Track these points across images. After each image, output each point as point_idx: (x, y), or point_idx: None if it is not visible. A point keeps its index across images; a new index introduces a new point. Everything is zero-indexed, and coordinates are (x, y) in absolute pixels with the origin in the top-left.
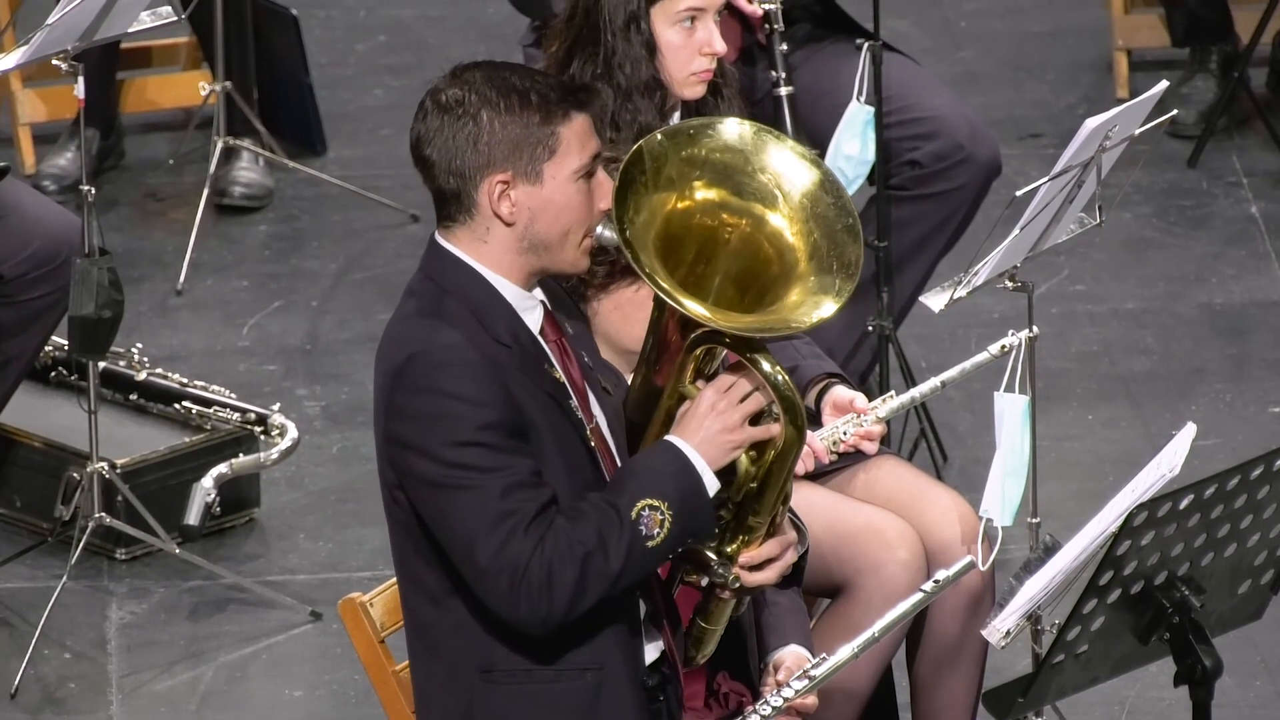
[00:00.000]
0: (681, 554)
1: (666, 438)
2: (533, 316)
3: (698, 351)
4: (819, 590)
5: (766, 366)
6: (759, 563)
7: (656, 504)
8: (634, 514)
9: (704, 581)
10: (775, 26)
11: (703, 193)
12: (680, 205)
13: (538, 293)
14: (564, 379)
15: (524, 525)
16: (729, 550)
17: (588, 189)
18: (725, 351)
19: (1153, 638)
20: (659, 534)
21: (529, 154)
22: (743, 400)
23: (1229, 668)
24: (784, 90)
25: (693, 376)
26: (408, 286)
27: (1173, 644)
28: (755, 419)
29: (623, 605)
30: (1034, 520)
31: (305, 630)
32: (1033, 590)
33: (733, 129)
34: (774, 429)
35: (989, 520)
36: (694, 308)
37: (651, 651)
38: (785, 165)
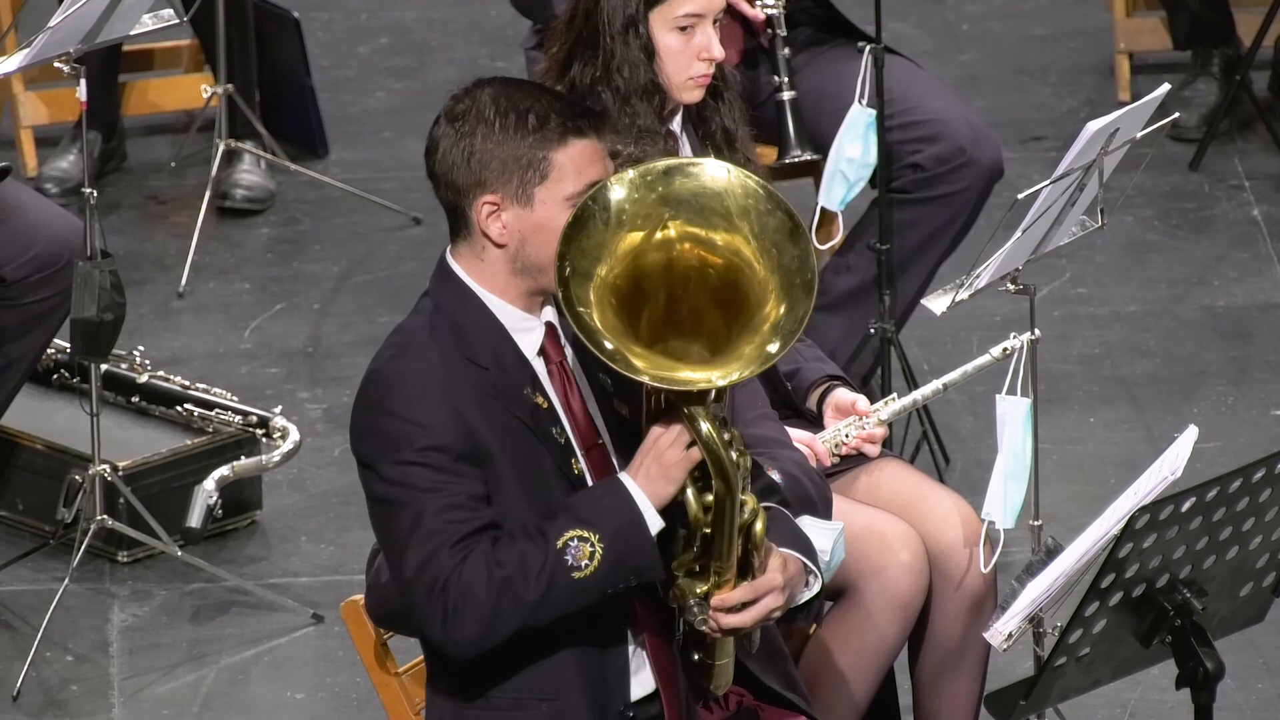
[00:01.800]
0: (666, 589)
1: (617, 474)
2: (530, 338)
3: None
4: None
5: (702, 425)
6: (733, 605)
7: (586, 535)
8: (560, 543)
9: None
10: (778, 31)
11: (680, 231)
12: (653, 242)
13: (547, 312)
14: (552, 403)
15: (449, 544)
16: (701, 591)
17: None
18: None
19: (1154, 640)
20: (588, 566)
21: (519, 177)
22: (681, 436)
23: (1231, 670)
24: (786, 95)
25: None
26: (419, 298)
27: (1174, 646)
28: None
29: (595, 636)
30: (1036, 523)
31: (307, 633)
32: (1035, 593)
33: (709, 170)
34: (695, 455)
35: (991, 523)
36: (610, 354)
37: (641, 687)
38: (759, 211)
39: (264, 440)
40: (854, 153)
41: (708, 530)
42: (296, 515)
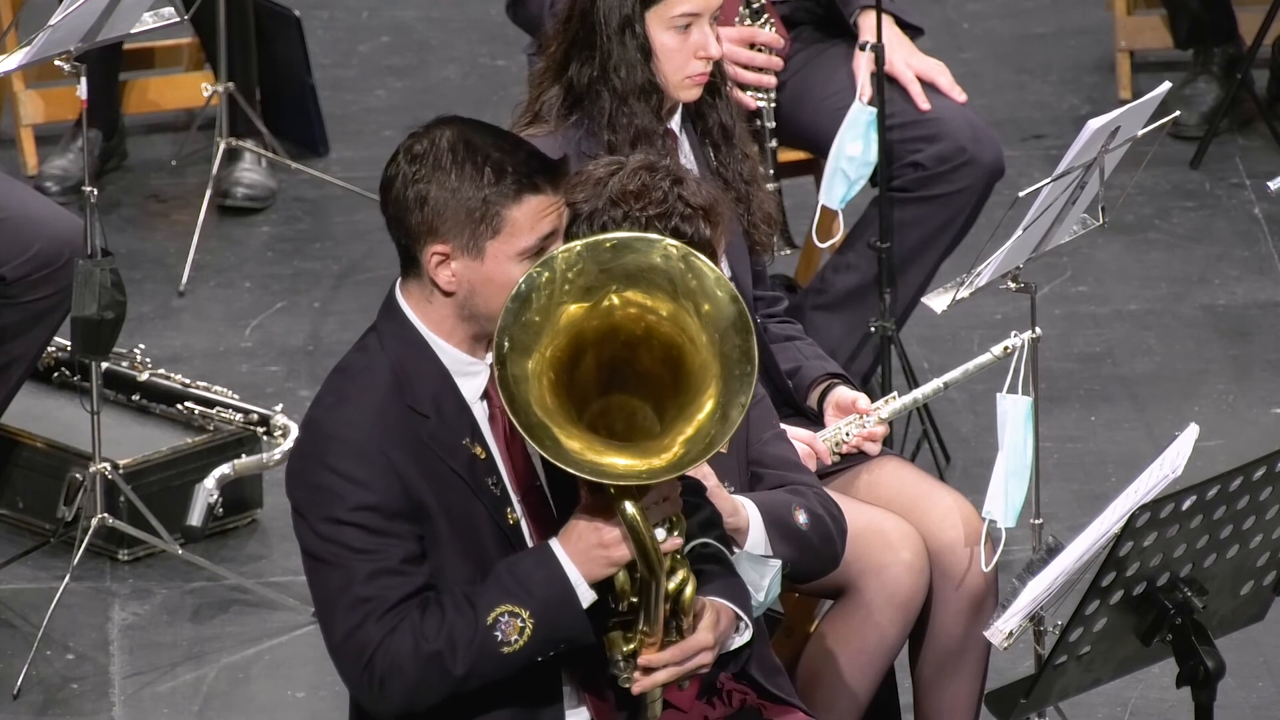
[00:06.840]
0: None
1: (549, 541)
2: (473, 382)
3: None
4: (822, 591)
5: (628, 509)
6: (659, 666)
7: (517, 610)
8: (490, 619)
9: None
10: (766, 124)
11: (623, 299)
12: (596, 311)
13: (490, 356)
14: (490, 452)
15: (379, 613)
16: (628, 649)
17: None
18: None
19: (1155, 639)
20: (517, 641)
21: (471, 229)
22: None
23: (1231, 669)
24: (771, 186)
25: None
26: (364, 332)
27: (1175, 645)
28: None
29: (527, 680)
30: (1037, 521)
31: (308, 631)
32: (1035, 591)
33: (660, 248)
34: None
35: (992, 521)
36: (541, 442)
37: (577, 718)
38: (706, 294)
39: (265, 438)
40: (855, 151)
41: (634, 600)
42: None
